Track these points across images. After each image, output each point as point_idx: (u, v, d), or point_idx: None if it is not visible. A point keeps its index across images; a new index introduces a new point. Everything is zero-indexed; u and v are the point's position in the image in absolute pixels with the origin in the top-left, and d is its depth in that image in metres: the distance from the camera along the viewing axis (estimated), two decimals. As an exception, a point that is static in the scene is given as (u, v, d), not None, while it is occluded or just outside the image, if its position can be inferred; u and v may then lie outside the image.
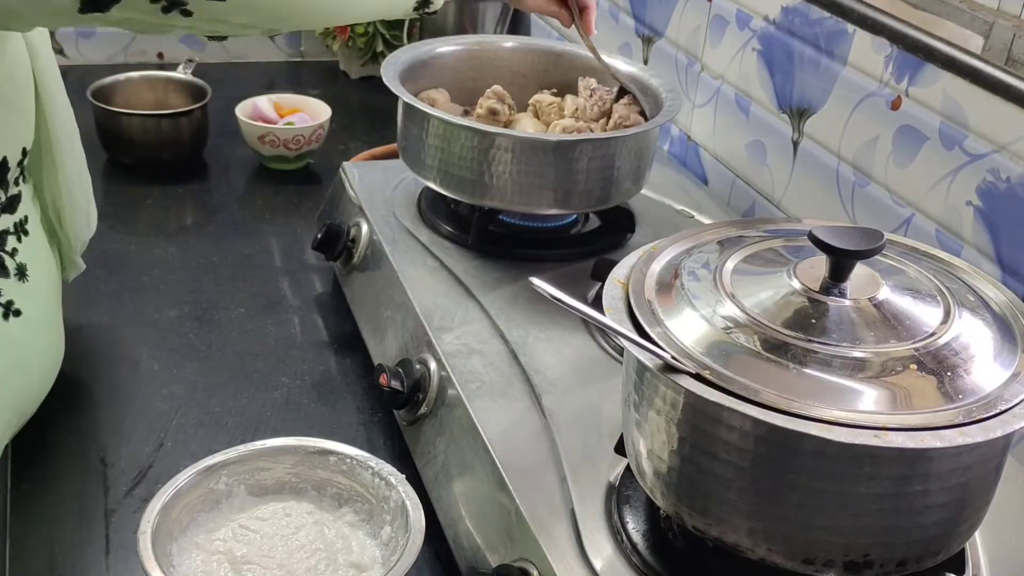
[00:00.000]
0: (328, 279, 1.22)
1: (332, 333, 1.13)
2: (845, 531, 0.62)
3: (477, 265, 1.04)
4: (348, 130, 1.59)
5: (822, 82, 1.09)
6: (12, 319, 0.84)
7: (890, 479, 0.60)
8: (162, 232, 1.32)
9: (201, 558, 0.75)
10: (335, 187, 1.22)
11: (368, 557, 0.77)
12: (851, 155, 1.06)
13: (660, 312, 0.66)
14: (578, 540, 0.72)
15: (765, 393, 0.59)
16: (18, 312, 0.85)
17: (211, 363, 1.06)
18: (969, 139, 0.91)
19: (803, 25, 1.11)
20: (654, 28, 1.41)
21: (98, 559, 0.83)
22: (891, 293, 0.66)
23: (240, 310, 1.15)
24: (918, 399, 0.59)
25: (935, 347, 0.62)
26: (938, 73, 0.93)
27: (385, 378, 0.91)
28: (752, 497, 0.63)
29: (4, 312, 0.84)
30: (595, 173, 1.03)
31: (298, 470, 0.82)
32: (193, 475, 0.78)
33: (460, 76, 1.18)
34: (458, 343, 0.91)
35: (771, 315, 0.64)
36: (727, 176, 1.28)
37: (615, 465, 0.78)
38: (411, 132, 1.07)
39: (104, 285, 1.18)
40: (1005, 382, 0.61)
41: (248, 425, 0.98)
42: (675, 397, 0.63)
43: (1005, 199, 0.88)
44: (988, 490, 0.66)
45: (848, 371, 0.61)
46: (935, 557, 0.65)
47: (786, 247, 0.72)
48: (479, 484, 0.81)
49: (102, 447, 0.94)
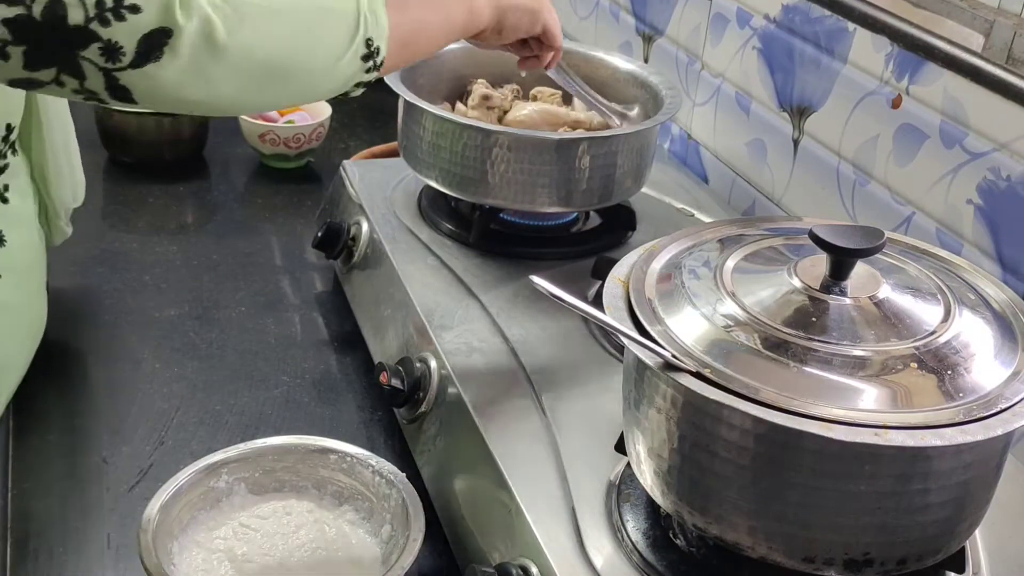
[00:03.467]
0: (328, 278, 1.22)
1: (332, 331, 1.13)
2: (845, 529, 0.62)
3: (477, 263, 1.04)
4: (348, 129, 1.59)
5: (823, 81, 1.09)
6: None
7: (890, 477, 0.60)
8: (163, 230, 1.32)
9: (202, 556, 0.76)
10: (335, 186, 1.22)
11: (368, 555, 0.77)
12: (851, 153, 1.06)
13: (660, 310, 0.66)
14: (578, 538, 0.72)
15: (765, 391, 0.59)
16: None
17: (212, 361, 1.06)
18: (969, 137, 0.91)
19: (803, 23, 1.11)
20: (654, 26, 1.41)
21: (99, 558, 0.83)
22: (891, 291, 0.66)
23: (241, 309, 1.15)
24: (918, 397, 0.59)
25: (935, 345, 0.62)
26: (939, 72, 0.93)
27: (385, 376, 0.91)
28: (752, 495, 0.63)
29: None
30: (596, 171, 1.03)
31: (298, 468, 0.82)
32: (194, 473, 0.78)
33: (461, 74, 1.18)
34: (458, 341, 0.91)
35: (771, 313, 0.64)
36: (727, 174, 1.27)
37: (615, 463, 0.78)
38: (412, 131, 1.07)
39: (105, 283, 1.18)
40: (1005, 380, 0.61)
41: (248, 423, 0.98)
42: (675, 395, 0.63)
43: (1005, 197, 0.88)
44: (988, 488, 0.66)
45: (848, 369, 0.61)
46: (935, 555, 0.65)
47: (786, 245, 0.72)
48: (479, 482, 0.81)
49: (103, 445, 0.94)
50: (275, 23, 0.71)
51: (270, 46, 0.71)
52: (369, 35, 0.76)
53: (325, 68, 0.76)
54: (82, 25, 0.63)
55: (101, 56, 0.65)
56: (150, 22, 0.65)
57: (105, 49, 0.65)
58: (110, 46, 0.64)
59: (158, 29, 0.65)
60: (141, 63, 0.66)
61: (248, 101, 0.75)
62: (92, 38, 0.64)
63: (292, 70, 0.74)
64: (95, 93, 0.67)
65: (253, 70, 0.71)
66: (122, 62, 0.65)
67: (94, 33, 0.64)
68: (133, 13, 0.64)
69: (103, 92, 0.67)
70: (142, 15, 0.64)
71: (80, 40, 0.64)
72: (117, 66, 0.65)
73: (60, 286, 1.04)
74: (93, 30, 0.64)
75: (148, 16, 0.64)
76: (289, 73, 0.74)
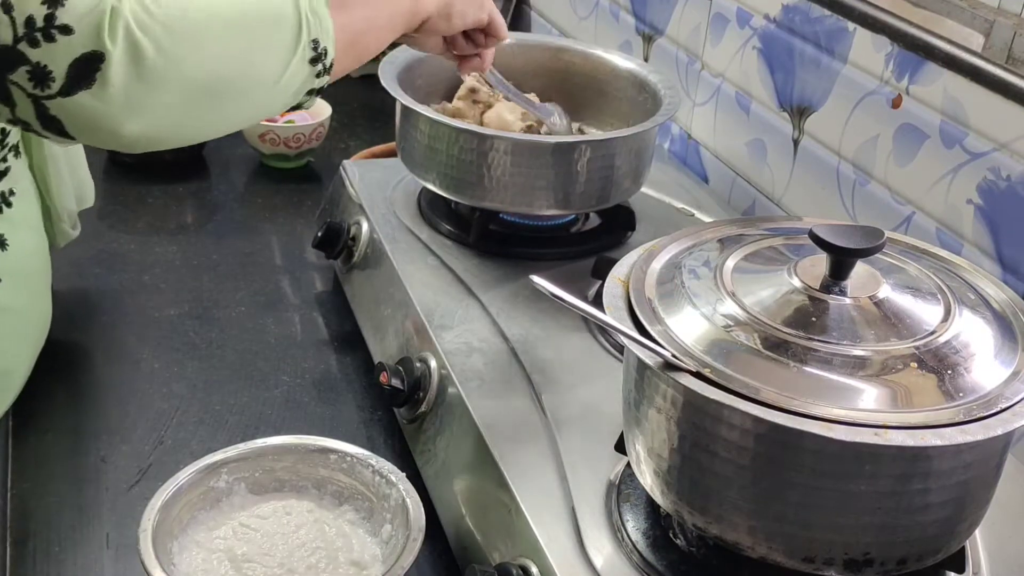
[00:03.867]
0: (328, 277, 1.22)
1: (332, 331, 1.13)
2: (845, 529, 0.62)
3: (477, 263, 1.04)
4: (348, 128, 1.59)
5: (823, 80, 1.09)
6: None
7: (890, 477, 0.60)
8: (162, 230, 1.32)
9: (202, 556, 0.75)
10: (335, 185, 1.22)
11: (368, 555, 0.77)
12: (851, 153, 1.06)
13: (660, 310, 0.66)
14: (578, 538, 0.72)
15: (765, 391, 0.59)
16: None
17: (211, 361, 1.06)
18: (969, 137, 0.91)
19: (803, 23, 1.11)
20: (654, 26, 1.41)
21: (99, 557, 0.83)
22: (891, 291, 0.66)
23: (240, 308, 1.15)
24: (918, 397, 0.59)
25: (935, 345, 0.62)
26: (939, 71, 0.93)
27: (385, 376, 0.91)
28: (752, 495, 0.63)
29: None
30: (594, 173, 1.02)
31: (298, 468, 0.82)
32: (193, 473, 0.78)
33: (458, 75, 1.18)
34: (458, 341, 0.91)
35: (771, 313, 0.64)
36: (727, 174, 1.27)
37: (615, 463, 0.78)
38: (409, 134, 1.07)
39: (104, 284, 1.18)
40: (1006, 380, 0.61)
41: (248, 423, 0.98)
42: (675, 395, 0.63)
43: (1005, 197, 0.88)
44: (988, 488, 0.66)
45: (848, 369, 0.61)
46: (935, 555, 0.65)
47: (786, 245, 0.72)
48: (479, 482, 0.81)
49: (102, 445, 0.94)
50: (211, 37, 0.66)
51: (209, 65, 0.66)
52: (314, 36, 0.72)
53: (273, 78, 0.70)
54: (10, 44, 0.59)
55: (29, 81, 0.60)
56: (81, 45, 0.60)
57: (34, 73, 0.60)
58: (39, 70, 0.60)
59: (89, 53, 0.60)
60: (71, 90, 0.61)
61: (193, 129, 0.70)
62: (20, 60, 0.59)
63: (237, 87, 0.69)
64: (28, 123, 0.62)
65: (193, 94, 0.66)
66: (51, 88, 0.60)
67: (22, 54, 0.59)
68: (64, 34, 0.59)
69: (35, 122, 0.62)
70: (73, 36, 0.60)
71: (7, 61, 0.59)
72: (46, 93, 0.60)
73: (60, 286, 1.03)
74: (21, 51, 0.59)
75: (79, 38, 0.60)
76: (234, 91, 0.69)
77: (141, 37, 0.62)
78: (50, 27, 0.59)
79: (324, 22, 0.73)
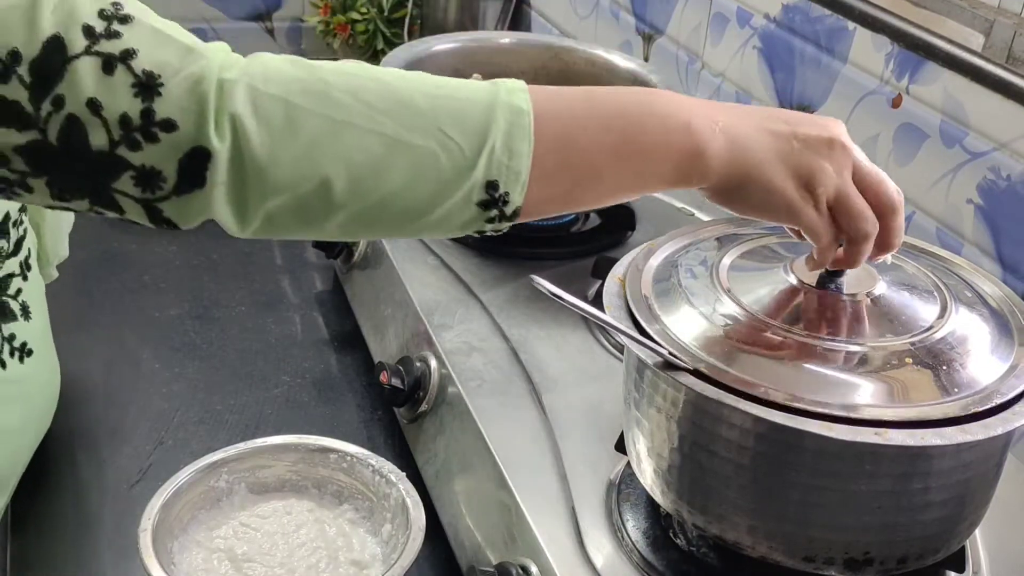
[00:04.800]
0: (329, 277, 1.22)
1: (333, 331, 1.13)
2: (845, 529, 0.62)
3: (477, 263, 1.04)
4: (349, 128, 1.59)
5: (823, 80, 1.09)
6: (26, 359, 0.83)
7: (891, 477, 0.60)
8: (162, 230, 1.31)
9: (202, 556, 0.76)
10: (335, 185, 1.22)
11: (369, 555, 0.77)
12: (851, 153, 1.06)
13: (657, 309, 0.66)
14: (578, 538, 0.72)
15: (763, 388, 0.59)
16: (30, 352, 0.83)
17: (212, 361, 1.06)
18: (969, 137, 0.91)
19: (804, 23, 1.11)
20: (655, 26, 1.41)
21: (99, 557, 0.83)
22: (888, 288, 0.66)
23: (241, 308, 1.15)
24: (915, 393, 0.59)
25: (931, 341, 0.62)
26: (939, 71, 0.93)
27: (385, 376, 0.91)
28: (752, 494, 0.63)
29: (20, 355, 0.82)
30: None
31: (299, 468, 0.82)
32: (194, 473, 0.78)
33: (459, 73, 1.17)
34: (458, 341, 0.91)
35: (768, 310, 0.64)
36: (728, 174, 1.27)
37: (615, 463, 0.78)
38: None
39: (104, 284, 1.18)
40: (1002, 376, 0.61)
41: (249, 423, 0.98)
42: (675, 394, 0.63)
43: (1006, 197, 0.88)
44: (988, 487, 0.66)
45: (845, 365, 0.61)
46: (935, 554, 0.65)
47: (782, 243, 0.72)
48: (479, 482, 0.81)
49: (103, 445, 0.94)
50: (338, 143, 0.54)
51: (334, 173, 0.53)
52: (492, 177, 0.56)
53: (418, 211, 0.56)
54: (106, 150, 0.51)
55: (136, 187, 0.52)
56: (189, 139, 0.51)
57: (139, 178, 0.52)
58: (145, 172, 0.51)
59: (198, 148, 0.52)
60: (186, 189, 0.52)
61: (317, 232, 0.57)
62: (121, 166, 0.51)
63: (386, 210, 0.56)
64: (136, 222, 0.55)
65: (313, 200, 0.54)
66: (163, 190, 0.52)
67: (122, 159, 0.51)
68: (167, 131, 0.51)
69: (145, 222, 0.54)
70: (179, 133, 0.51)
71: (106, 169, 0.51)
72: (157, 196, 0.52)
73: (60, 286, 1.03)
74: (121, 155, 0.51)
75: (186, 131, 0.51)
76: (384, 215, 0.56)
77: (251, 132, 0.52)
78: (150, 125, 0.51)
79: (516, 161, 0.56)
